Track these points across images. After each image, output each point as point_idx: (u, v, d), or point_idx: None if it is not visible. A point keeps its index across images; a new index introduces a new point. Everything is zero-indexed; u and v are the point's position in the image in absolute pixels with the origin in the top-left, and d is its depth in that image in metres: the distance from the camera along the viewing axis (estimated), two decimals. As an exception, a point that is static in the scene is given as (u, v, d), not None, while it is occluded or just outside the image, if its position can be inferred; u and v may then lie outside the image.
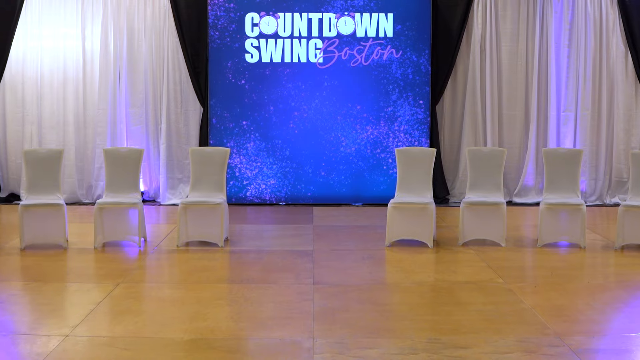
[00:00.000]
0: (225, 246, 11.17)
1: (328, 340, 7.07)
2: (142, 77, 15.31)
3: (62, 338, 7.18)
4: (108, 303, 8.44)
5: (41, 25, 15.44)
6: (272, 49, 14.95)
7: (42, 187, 11.40)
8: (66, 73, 15.46)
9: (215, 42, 14.92)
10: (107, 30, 15.27)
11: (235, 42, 14.92)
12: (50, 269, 10.05)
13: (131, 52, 15.31)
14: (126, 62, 15.29)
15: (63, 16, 15.38)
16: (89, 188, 15.45)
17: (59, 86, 15.48)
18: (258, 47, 14.94)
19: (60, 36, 15.43)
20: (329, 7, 14.85)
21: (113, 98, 15.28)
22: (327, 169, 15.05)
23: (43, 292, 8.92)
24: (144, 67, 15.31)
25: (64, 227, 11.18)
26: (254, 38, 14.92)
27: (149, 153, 15.25)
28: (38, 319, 7.97)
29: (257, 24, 14.89)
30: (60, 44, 15.45)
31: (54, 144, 15.19)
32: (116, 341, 7.13)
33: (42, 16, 15.41)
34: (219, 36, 14.90)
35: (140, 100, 15.33)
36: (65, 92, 15.48)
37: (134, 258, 10.78)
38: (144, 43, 15.29)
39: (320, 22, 14.88)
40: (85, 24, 15.34)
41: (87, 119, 15.44)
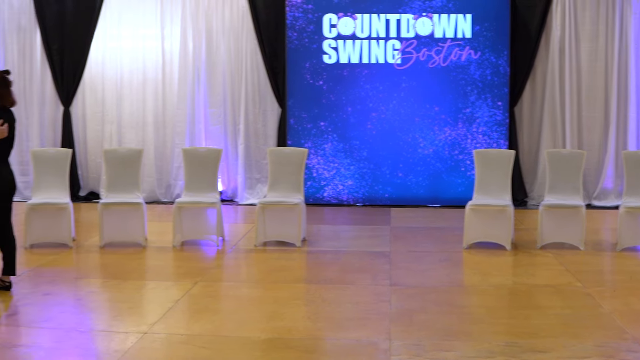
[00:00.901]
0: (303, 246, 11.19)
1: (405, 342, 7.04)
2: (221, 77, 15.42)
3: (140, 335, 7.24)
4: (186, 301, 8.50)
5: (120, 26, 15.64)
6: (350, 50, 14.94)
7: (122, 185, 11.54)
8: (146, 73, 15.64)
9: (293, 43, 14.96)
10: (186, 31, 15.41)
11: (313, 43, 14.95)
12: (129, 267, 10.17)
13: (210, 53, 15.42)
14: (205, 63, 15.41)
15: (142, 17, 15.56)
16: (168, 187, 15.61)
17: (139, 86, 15.67)
18: (336, 48, 14.95)
19: (140, 37, 15.62)
20: (407, 8, 14.80)
21: (192, 98, 15.41)
22: (405, 170, 15.00)
23: (122, 289, 9.02)
24: (222, 67, 15.41)
25: (143, 226, 11.31)
26: (332, 39, 14.93)
27: (227, 153, 15.34)
28: (116, 316, 8.05)
29: (335, 24, 14.90)
30: (140, 45, 15.63)
31: (134, 144, 15.37)
32: (194, 339, 7.17)
33: (121, 17, 15.61)
34: (297, 37, 14.94)
35: (219, 100, 15.44)
36: (145, 92, 15.65)
37: (212, 257, 10.86)
38: (222, 44, 15.40)
39: (398, 23, 14.84)
40: (164, 25, 15.50)
41: (166, 119, 15.59)
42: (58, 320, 7.83)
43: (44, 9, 15.77)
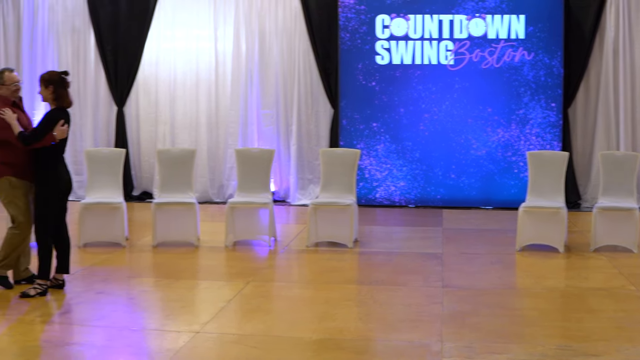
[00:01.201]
0: (355, 247, 11.18)
1: (457, 344, 7.01)
2: (274, 78, 15.45)
3: (192, 335, 7.27)
4: (238, 301, 8.53)
5: (174, 27, 15.74)
6: (402, 51, 14.91)
7: (175, 185, 11.61)
8: (199, 74, 15.72)
9: (346, 44, 14.96)
10: (239, 32, 15.47)
11: (366, 44, 14.94)
12: (182, 267, 10.22)
13: (263, 53, 15.47)
14: (258, 64, 15.45)
15: (196, 18, 15.64)
16: (221, 187, 15.68)
17: (192, 87, 15.76)
18: (389, 49, 14.92)
19: (193, 38, 15.71)
20: (460, 9, 14.73)
21: (245, 99, 15.47)
22: (457, 172, 14.94)
23: (174, 289, 9.07)
24: (275, 68, 15.44)
25: (196, 226, 11.37)
26: (385, 40, 14.90)
27: (280, 154, 15.37)
28: (169, 315, 8.09)
29: (387, 25, 14.87)
30: (193, 46, 15.72)
31: (187, 144, 15.45)
32: (245, 339, 7.19)
33: (175, 18, 15.71)
34: (350, 38, 14.93)
35: (272, 101, 15.47)
36: (198, 93, 15.74)
37: (264, 257, 10.89)
38: (275, 45, 15.43)
39: (451, 24, 14.77)
40: (217, 26, 15.58)
41: (219, 120, 15.66)
42: (110, 318, 7.89)
43: (97, 11, 15.92)
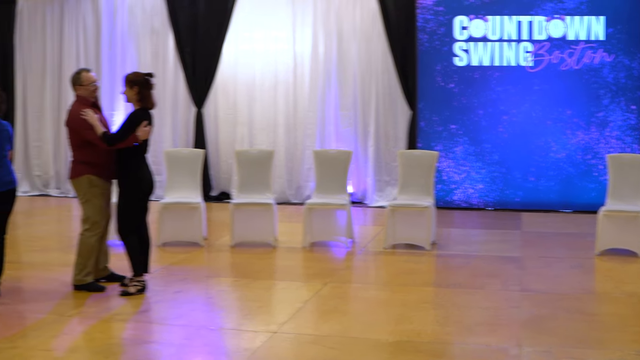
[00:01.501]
0: (432, 250, 11.13)
1: (535, 349, 6.94)
2: (352, 80, 15.46)
3: (269, 335, 7.31)
4: (315, 302, 8.56)
5: (252, 29, 15.84)
6: (481, 52, 14.81)
7: (253, 186, 11.68)
8: (277, 76, 15.79)
9: (424, 45, 14.91)
10: (317, 34, 15.51)
11: (444, 46, 14.87)
12: (259, 267, 10.29)
13: (341, 55, 15.48)
14: (336, 65, 15.48)
15: (274, 19, 15.72)
16: (298, 188, 15.73)
17: (270, 88, 15.83)
18: (467, 50, 14.84)
19: (271, 39, 15.78)
20: (539, 10, 14.59)
21: (322, 100, 15.50)
22: (536, 174, 14.79)
23: (252, 288, 9.12)
24: (353, 70, 15.45)
25: (274, 226, 11.42)
26: (463, 41, 14.83)
27: (358, 155, 15.36)
28: (246, 315, 8.14)
29: (466, 27, 14.79)
30: (271, 47, 15.80)
31: (265, 145, 15.53)
32: (322, 340, 7.21)
33: (253, 20, 15.81)
34: (428, 39, 14.89)
35: (350, 102, 15.48)
36: (276, 94, 15.81)
37: (342, 258, 10.90)
38: (353, 46, 15.44)
39: (530, 25, 14.64)
40: (295, 27, 15.63)
41: (297, 121, 15.71)
42: (188, 317, 7.97)
43: (176, 12, 16.08)
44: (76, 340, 7.27)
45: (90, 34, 16.77)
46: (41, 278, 9.38)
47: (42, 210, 15.22)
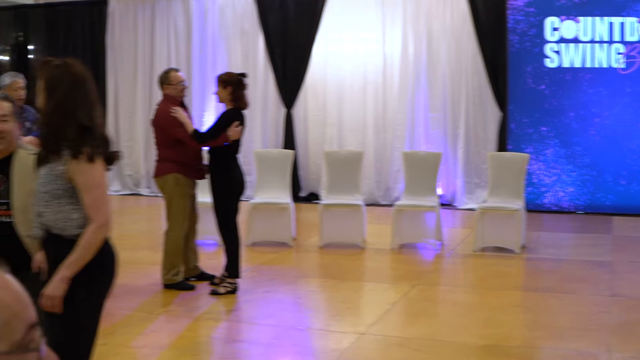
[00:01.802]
0: (522, 253, 11.01)
1: (624, 355, 6.84)
2: (441, 81, 15.38)
3: (357, 336, 7.32)
4: (403, 304, 8.55)
5: (342, 30, 15.86)
6: (572, 54, 14.62)
7: (342, 187, 11.70)
8: (366, 77, 15.79)
9: (515, 47, 14.78)
10: (406, 34, 15.47)
11: (535, 47, 14.72)
12: (348, 268, 10.31)
13: (430, 56, 15.42)
14: (425, 66, 15.42)
15: (363, 21, 15.71)
16: (387, 190, 15.71)
17: (359, 90, 15.84)
18: (558, 52, 14.67)
19: (361, 40, 15.79)
20: (631, 11, 14.33)
21: (412, 102, 15.46)
22: (628, 178, 14.54)
23: (340, 290, 9.15)
24: (442, 71, 15.37)
25: (362, 227, 11.43)
26: (554, 42, 14.66)
27: (447, 157, 15.26)
28: (334, 316, 8.17)
29: (557, 28, 14.61)
30: (361, 48, 15.80)
31: (354, 146, 15.53)
32: (410, 342, 7.20)
33: (342, 21, 15.82)
34: (519, 40, 14.75)
35: (439, 104, 15.40)
36: (365, 95, 15.81)
37: (430, 261, 10.88)
38: (442, 47, 15.36)
39: (621, 26, 14.41)
40: (385, 28, 15.61)
41: (387, 122, 15.69)
42: (277, 317, 8.02)
43: (266, 14, 16.19)
44: (164, 338, 7.37)
45: (181, 35, 16.98)
46: (130, 276, 9.54)
47: (132, 209, 15.45)
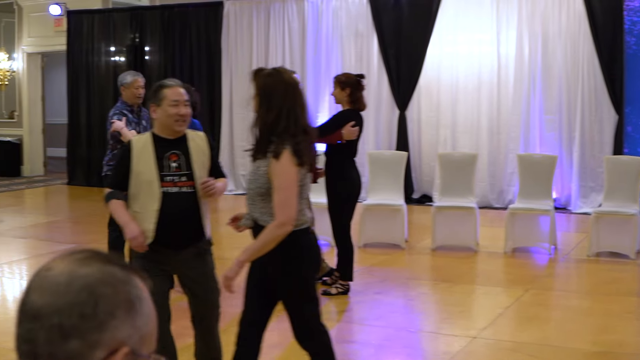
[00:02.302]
0: (637, 259, 10.79)
1: None
2: (557, 83, 15.19)
3: (468, 340, 7.31)
4: (515, 308, 8.50)
5: (456, 32, 15.78)
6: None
7: (455, 190, 11.66)
8: (481, 78, 15.68)
9: (632, 49, 14.50)
10: (521, 36, 15.31)
11: (653, 48, 14.46)
12: (460, 271, 10.28)
13: (546, 57, 15.23)
14: (541, 68, 15.24)
15: (478, 22, 15.61)
16: (500, 193, 15.57)
17: (474, 91, 15.74)
18: (675, 53, 14.37)
19: (475, 42, 15.68)
20: None
21: (527, 104, 15.29)
22: None
23: (452, 292, 9.13)
24: (558, 73, 15.17)
25: (475, 230, 11.37)
26: (673, 44, 14.37)
27: (562, 160, 15.05)
28: (446, 319, 8.18)
29: (676, 29, 14.33)
30: (475, 50, 15.70)
31: (467, 148, 15.43)
32: (521, 347, 7.16)
33: (457, 22, 15.74)
34: (635, 42, 14.46)
35: (555, 106, 15.21)
36: (480, 97, 15.70)
37: (543, 265, 10.77)
38: (558, 48, 15.16)
39: None
40: (500, 30, 15.48)
41: (501, 124, 15.56)
42: (388, 319, 8.05)
43: (380, 15, 16.20)
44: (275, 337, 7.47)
45: (295, 36, 17.11)
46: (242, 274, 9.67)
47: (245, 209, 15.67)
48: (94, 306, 1.57)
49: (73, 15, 19.31)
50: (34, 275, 1.64)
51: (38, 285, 1.62)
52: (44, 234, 13.20)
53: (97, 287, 1.59)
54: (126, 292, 1.61)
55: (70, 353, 1.55)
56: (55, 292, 1.58)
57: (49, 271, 1.63)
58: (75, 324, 1.55)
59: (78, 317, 1.56)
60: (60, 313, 1.56)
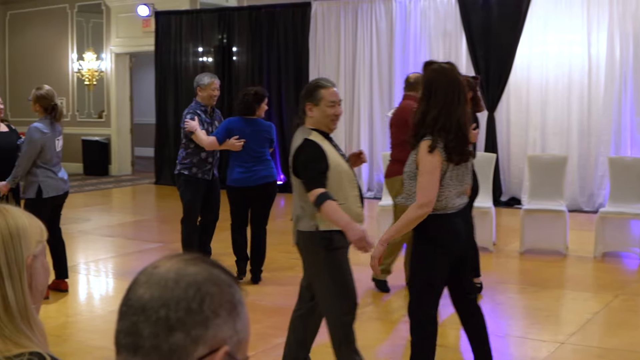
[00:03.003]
0: None
1: None
2: (650, 84, 14.91)
3: (556, 345, 7.18)
4: (605, 314, 8.32)
5: (546, 32, 15.55)
6: None
7: (545, 192, 11.47)
8: (571, 79, 15.42)
9: None
10: (612, 36, 15.01)
11: None
12: (548, 275, 10.10)
13: (637, 58, 14.91)
14: (632, 69, 14.93)
15: (568, 23, 15.36)
16: (591, 196, 15.28)
17: (564, 92, 15.49)
18: None
19: (566, 42, 15.43)
20: None
21: (618, 106, 15.00)
22: None
23: (540, 297, 8.98)
24: (650, 73, 14.90)
25: (565, 234, 11.16)
26: None
27: (654, 163, 14.79)
28: (534, 323, 8.05)
29: None
30: (566, 50, 15.45)
31: (557, 150, 15.20)
32: (610, 353, 7.02)
33: (547, 23, 15.52)
34: None
35: (646, 108, 14.94)
36: (570, 98, 15.45)
37: (634, 270, 10.53)
38: (651, 49, 14.89)
39: None
40: (590, 30, 15.20)
41: (591, 126, 15.28)
42: (475, 323, 7.92)
43: (469, 15, 16.03)
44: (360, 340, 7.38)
45: (383, 36, 17.03)
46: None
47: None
48: (200, 302, 1.62)
49: (161, 16, 19.50)
50: (140, 273, 1.68)
51: (145, 280, 1.66)
52: (131, 232, 13.33)
53: (203, 285, 1.64)
54: (230, 294, 1.67)
55: (174, 346, 1.60)
56: (163, 287, 1.63)
57: (157, 268, 1.68)
58: (181, 317, 1.60)
59: (184, 311, 1.61)
60: (167, 306, 1.61)
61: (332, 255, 5.59)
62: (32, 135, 8.70)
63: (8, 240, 2.33)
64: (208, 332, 1.61)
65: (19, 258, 2.34)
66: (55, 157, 8.87)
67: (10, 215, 2.38)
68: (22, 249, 2.36)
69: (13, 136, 9.20)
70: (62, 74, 22.02)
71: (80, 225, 13.67)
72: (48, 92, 8.86)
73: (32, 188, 8.71)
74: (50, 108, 8.81)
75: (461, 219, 5.57)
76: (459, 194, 5.54)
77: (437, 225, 5.44)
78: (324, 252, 5.58)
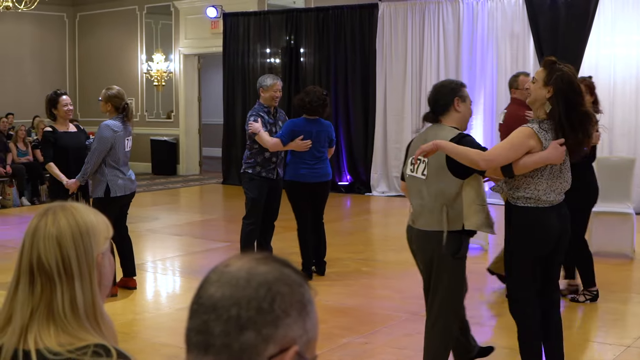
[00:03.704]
0: None
1: None
2: None
3: (622, 348, 7.15)
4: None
5: (614, 34, 15.42)
6: None
7: (612, 195, 11.36)
8: (639, 81, 15.28)
9: None
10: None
11: None
12: (615, 278, 10.01)
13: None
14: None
15: (636, 24, 15.22)
16: (658, 199, 15.15)
17: (631, 94, 15.35)
18: None
19: (634, 44, 15.29)
20: None
21: (687, 107, 14.87)
22: None
23: (606, 300, 8.89)
24: None
25: (632, 237, 11.05)
26: None
27: None
28: (600, 326, 8.04)
29: None
30: (633, 52, 15.31)
31: (625, 152, 15.06)
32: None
33: (615, 24, 15.39)
34: None
35: None
36: (638, 100, 15.30)
37: None
38: None
39: None
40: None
41: (659, 128, 15.17)
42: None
43: (537, 16, 15.94)
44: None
45: (450, 38, 16.99)
46: (398, 276, 9.67)
47: (398, 211, 15.51)
48: (271, 302, 1.64)
49: (229, 17, 19.66)
50: (210, 272, 1.71)
51: (216, 279, 1.68)
52: (199, 231, 13.46)
53: (274, 284, 1.66)
54: (300, 294, 1.68)
55: (244, 344, 1.62)
56: (234, 286, 1.65)
57: (228, 267, 1.70)
58: (252, 316, 1.62)
59: (256, 310, 1.63)
60: (238, 305, 1.63)
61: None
62: (103, 133, 8.83)
63: (78, 239, 2.36)
64: (278, 331, 1.63)
65: (90, 256, 2.38)
66: (123, 156, 9.00)
67: (79, 214, 2.40)
68: (92, 247, 2.39)
69: (82, 136, 9.36)
70: (131, 75, 22.32)
71: (148, 224, 13.86)
72: (119, 92, 9.01)
73: (101, 187, 8.84)
74: (121, 107, 8.95)
75: (556, 214, 5.65)
76: (554, 190, 5.62)
77: (530, 216, 5.61)
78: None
